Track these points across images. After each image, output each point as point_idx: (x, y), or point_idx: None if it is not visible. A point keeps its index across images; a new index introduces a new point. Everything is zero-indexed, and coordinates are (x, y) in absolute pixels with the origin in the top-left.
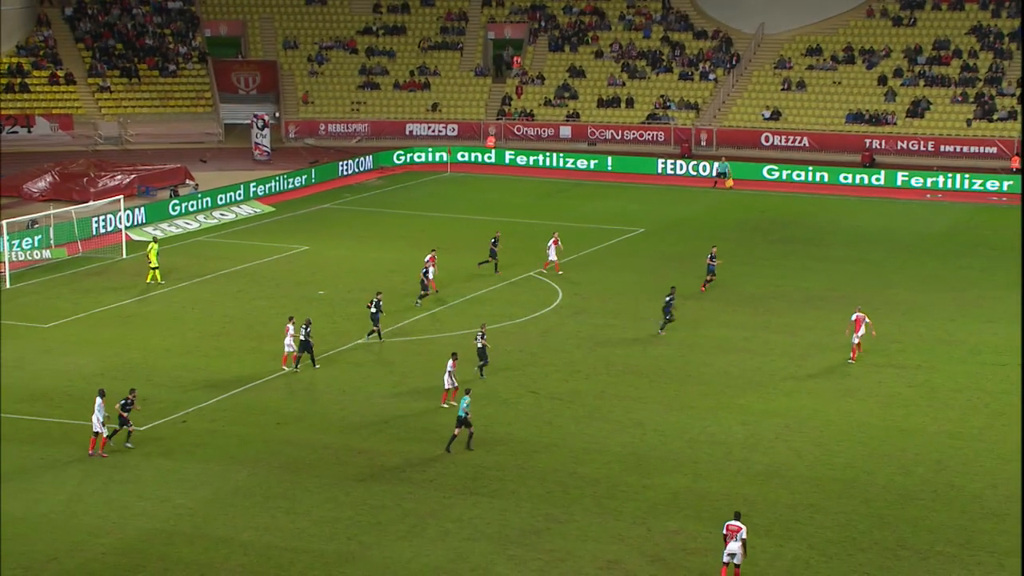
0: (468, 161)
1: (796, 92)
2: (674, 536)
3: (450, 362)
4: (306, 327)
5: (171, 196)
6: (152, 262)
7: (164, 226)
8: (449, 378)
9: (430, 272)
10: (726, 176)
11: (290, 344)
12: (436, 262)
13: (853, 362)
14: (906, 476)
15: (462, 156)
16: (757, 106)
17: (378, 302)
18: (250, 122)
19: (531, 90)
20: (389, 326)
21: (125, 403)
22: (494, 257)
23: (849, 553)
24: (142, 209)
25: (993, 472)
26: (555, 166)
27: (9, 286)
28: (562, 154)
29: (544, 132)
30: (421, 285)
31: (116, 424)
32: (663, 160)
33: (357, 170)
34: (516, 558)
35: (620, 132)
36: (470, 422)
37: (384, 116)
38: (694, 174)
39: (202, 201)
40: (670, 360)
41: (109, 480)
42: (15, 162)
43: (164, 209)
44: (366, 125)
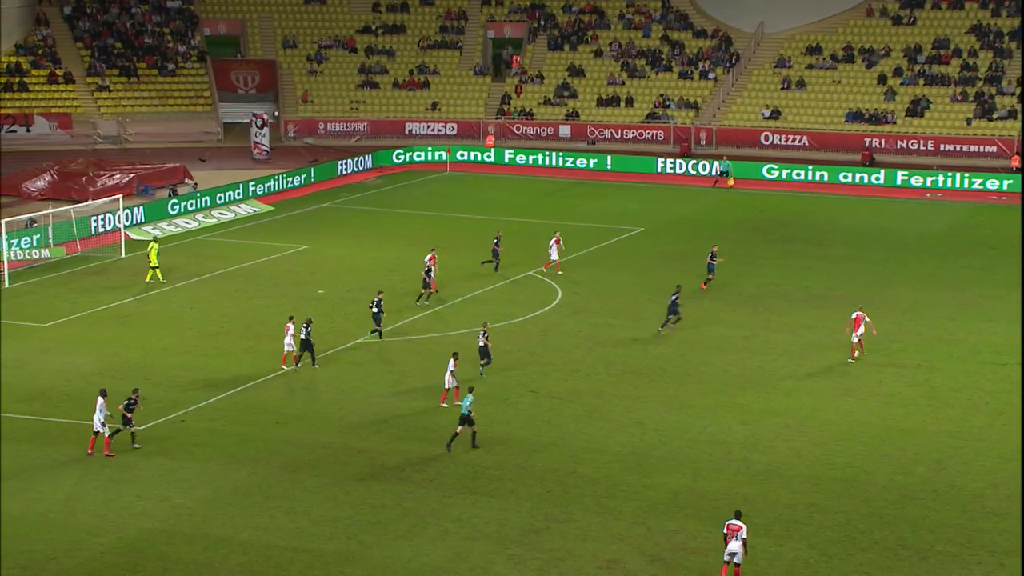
0: (467, 160)
1: (796, 91)
2: (674, 536)
3: (451, 362)
4: (307, 326)
5: (170, 195)
6: (152, 261)
7: (163, 225)
8: (450, 378)
9: (432, 272)
10: (728, 175)
11: (290, 344)
12: (436, 261)
13: (853, 361)
14: (906, 476)
15: (461, 155)
16: (757, 105)
17: (379, 302)
18: (249, 121)
19: (530, 89)
20: (387, 325)
21: (129, 403)
22: (496, 257)
23: (849, 553)
24: (141, 208)
25: (993, 471)
26: (554, 165)
27: (8, 285)
28: (561, 153)
29: (544, 131)
30: (424, 284)
31: (119, 424)
32: (663, 159)
33: (356, 169)
34: (516, 557)
35: (620, 131)
36: (473, 420)
37: (383, 115)
38: (694, 173)
39: (201, 200)
40: (670, 359)
41: (108, 479)
42: (14, 161)
43: (163, 208)
44: (365, 124)
